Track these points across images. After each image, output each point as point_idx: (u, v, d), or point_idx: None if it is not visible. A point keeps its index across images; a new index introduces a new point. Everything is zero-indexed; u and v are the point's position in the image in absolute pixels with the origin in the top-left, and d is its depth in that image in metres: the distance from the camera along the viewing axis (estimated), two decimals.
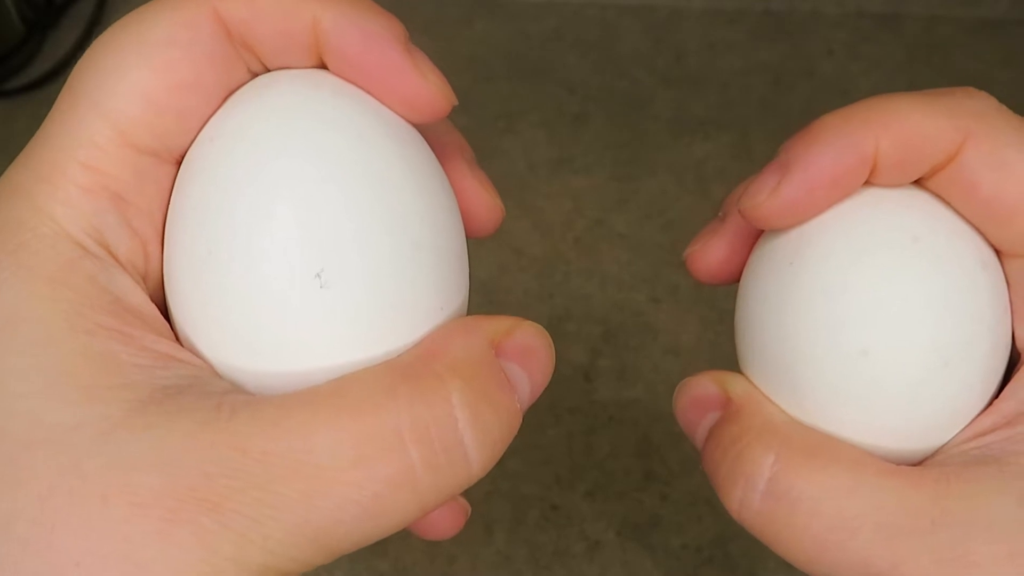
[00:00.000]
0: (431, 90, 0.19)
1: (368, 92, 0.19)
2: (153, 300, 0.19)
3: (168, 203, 0.19)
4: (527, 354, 0.19)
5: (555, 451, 0.46)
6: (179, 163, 0.19)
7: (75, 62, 0.19)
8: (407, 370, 0.18)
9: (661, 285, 0.51)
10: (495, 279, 0.52)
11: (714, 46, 0.62)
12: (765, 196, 0.20)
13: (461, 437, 0.17)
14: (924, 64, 0.61)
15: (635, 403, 0.47)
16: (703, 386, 0.21)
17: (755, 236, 0.22)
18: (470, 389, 0.18)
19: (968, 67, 0.60)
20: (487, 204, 0.22)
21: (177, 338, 0.19)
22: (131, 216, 0.19)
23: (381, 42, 0.19)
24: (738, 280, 0.22)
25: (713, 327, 0.49)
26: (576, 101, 0.60)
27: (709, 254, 0.23)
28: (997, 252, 0.20)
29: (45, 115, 0.19)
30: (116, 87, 0.18)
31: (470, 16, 0.64)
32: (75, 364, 0.17)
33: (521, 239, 0.53)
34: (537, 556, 0.43)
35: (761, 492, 0.19)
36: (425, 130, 0.20)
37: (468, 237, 0.21)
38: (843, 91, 0.60)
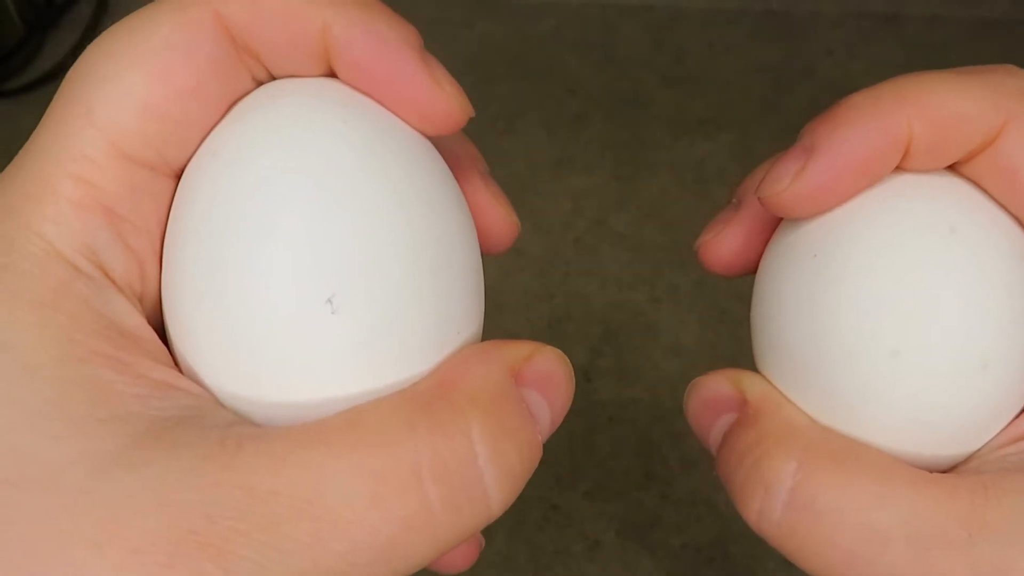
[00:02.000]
0: (447, 101, 0.18)
1: (380, 102, 0.18)
2: (150, 323, 0.18)
3: (167, 220, 0.18)
4: (547, 382, 0.18)
5: (555, 451, 0.46)
6: (179, 177, 0.18)
7: (75, 62, 0.18)
8: (424, 401, 0.16)
9: (661, 285, 0.51)
10: (495, 280, 0.52)
11: (714, 46, 0.62)
12: (788, 182, 0.18)
13: (481, 474, 0.16)
14: (924, 64, 0.60)
15: (635, 403, 0.47)
16: (717, 386, 0.20)
17: (773, 224, 0.20)
18: (491, 421, 0.16)
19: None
20: (503, 219, 0.21)
21: (177, 365, 0.18)
22: (127, 233, 0.17)
23: (395, 49, 0.18)
24: (753, 272, 0.21)
25: (713, 327, 0.49)
26: (576, 101, 0.60)
27: (723, 244, 0.21)
28: None
29: None
30: (110, 95, 0.17)
31: (471, 17, 0.64)
32: (65, 395, 0.15)
33: (521, 239, 0.53)
34: (537, 556, 0.43)
35: (782, 502, 0.17)
36: (438, 142, 0.19)
37: (482, 254, 0.20)
38: (843, 91, 0.59)
